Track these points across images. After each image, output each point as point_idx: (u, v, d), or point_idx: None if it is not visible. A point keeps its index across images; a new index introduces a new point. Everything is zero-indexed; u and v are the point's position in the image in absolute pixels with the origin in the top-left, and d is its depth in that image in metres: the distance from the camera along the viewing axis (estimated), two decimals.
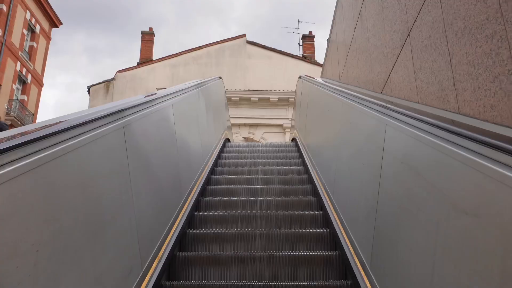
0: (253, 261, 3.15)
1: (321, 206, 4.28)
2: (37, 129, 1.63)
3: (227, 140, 8.50)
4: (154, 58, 23.64)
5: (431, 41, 2.56)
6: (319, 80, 6.66)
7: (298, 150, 7.30)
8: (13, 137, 1.47)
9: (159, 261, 2.83)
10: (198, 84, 5.48)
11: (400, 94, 3.08)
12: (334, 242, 3.51)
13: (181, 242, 3.58)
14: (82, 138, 1.85)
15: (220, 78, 8.20)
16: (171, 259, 3.14)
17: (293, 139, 8.83)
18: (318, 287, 2.82)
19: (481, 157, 1.35)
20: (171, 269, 3.14)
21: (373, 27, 3.87)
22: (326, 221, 3.90)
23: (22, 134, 1.53)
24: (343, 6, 5.64)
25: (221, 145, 7.14)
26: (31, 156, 1.46)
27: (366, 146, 2.81)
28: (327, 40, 11.35)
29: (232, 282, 2.91)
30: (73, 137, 1.77)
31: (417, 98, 2.77)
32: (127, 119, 2.46)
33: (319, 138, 5.13)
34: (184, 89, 4.64)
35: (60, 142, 1.66)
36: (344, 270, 3.10)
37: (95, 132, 1.99)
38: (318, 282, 2.87)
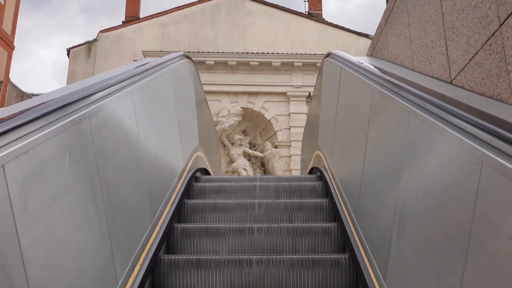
0: None
1: None
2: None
3: (201, 171, 5.00)
4: (141, 16, 21.12)
5: None
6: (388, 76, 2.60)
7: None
8: None
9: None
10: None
11: None
12: None
13: None
14: None
15: (187, 57, 4.61)
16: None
17: (314, 171, 4.90)
18: None
19: None
20: None
21: None
22: None
23: None
24: None
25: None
26: None
27: None
28: None
29: None
30: None
31: None
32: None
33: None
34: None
35: None
36: None
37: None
38: None
